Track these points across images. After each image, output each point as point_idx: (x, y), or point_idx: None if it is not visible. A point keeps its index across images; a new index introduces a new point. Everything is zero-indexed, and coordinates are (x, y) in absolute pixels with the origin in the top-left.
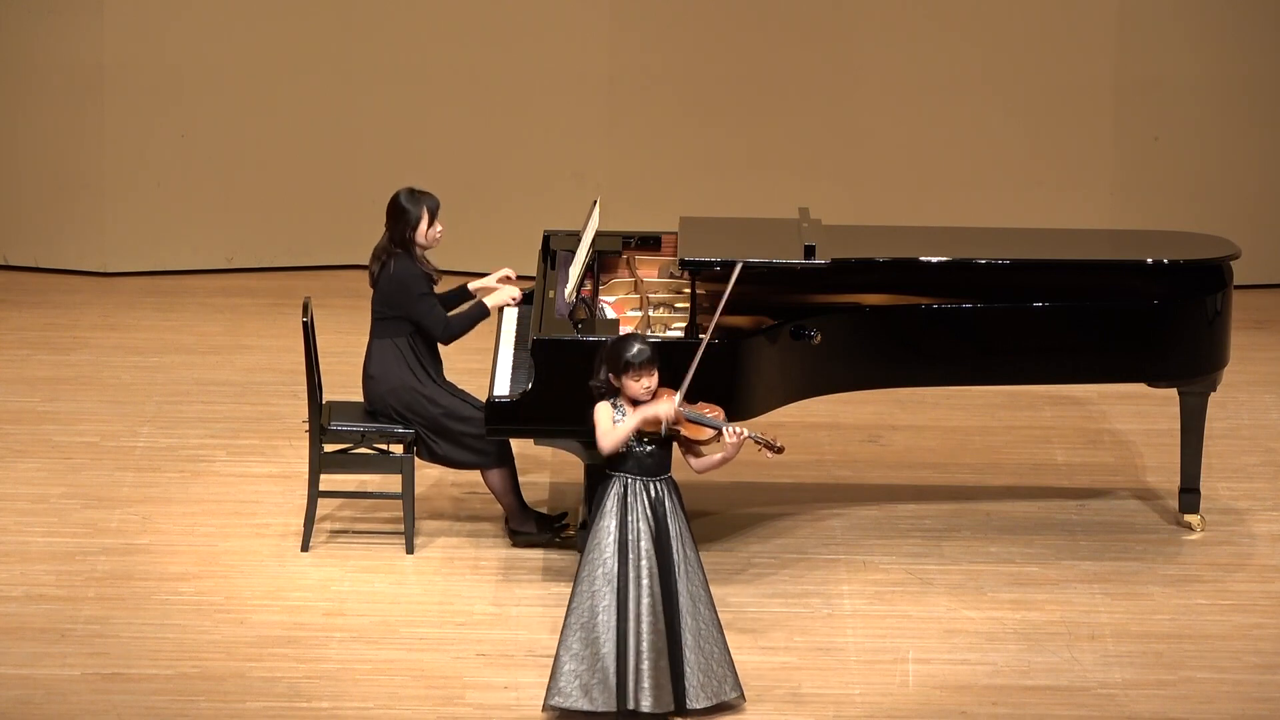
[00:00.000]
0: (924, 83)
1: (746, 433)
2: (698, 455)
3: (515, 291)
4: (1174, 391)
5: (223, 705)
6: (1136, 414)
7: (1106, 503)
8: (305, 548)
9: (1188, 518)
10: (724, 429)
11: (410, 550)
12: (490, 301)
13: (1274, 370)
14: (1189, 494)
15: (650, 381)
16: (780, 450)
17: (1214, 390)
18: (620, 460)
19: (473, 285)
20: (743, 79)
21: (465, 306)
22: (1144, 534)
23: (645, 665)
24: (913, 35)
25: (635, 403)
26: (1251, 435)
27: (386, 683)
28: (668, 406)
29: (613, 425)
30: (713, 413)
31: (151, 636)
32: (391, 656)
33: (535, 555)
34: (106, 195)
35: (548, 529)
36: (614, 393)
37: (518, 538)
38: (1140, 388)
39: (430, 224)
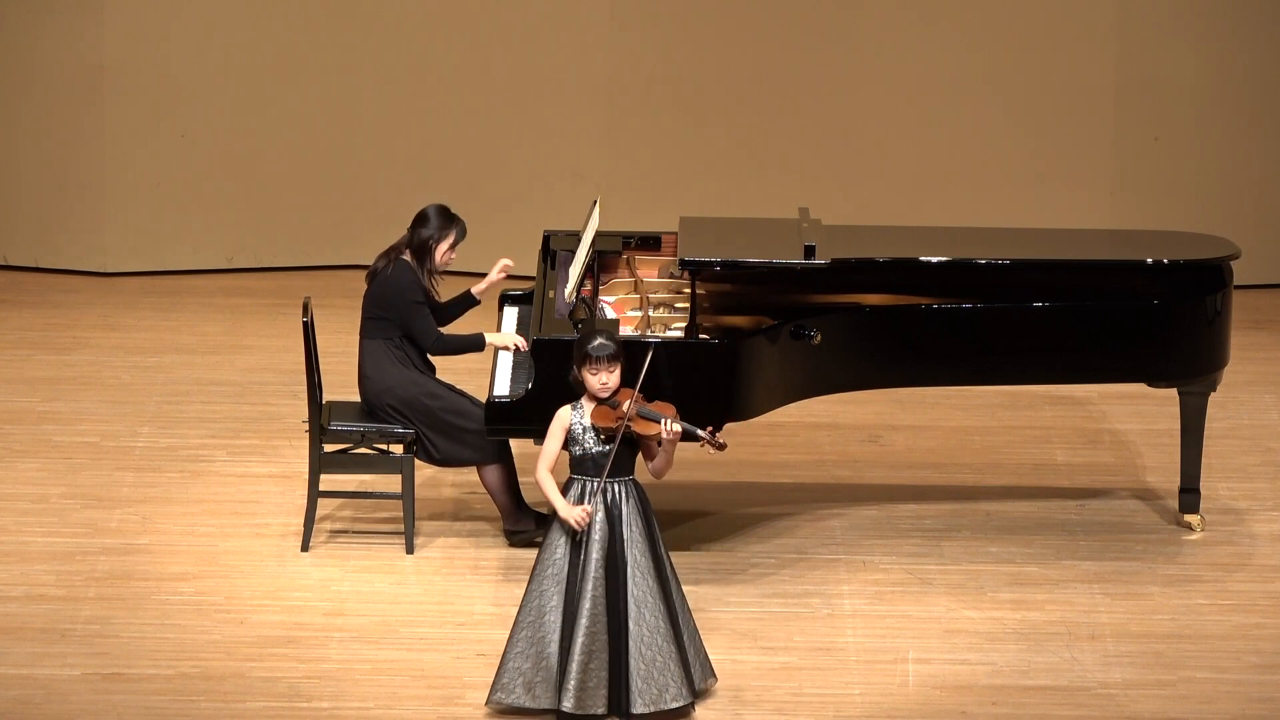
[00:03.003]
0: (924, 83)
1: (680, 427)
2: (652, 456)
3: (520, 341)
4: (1174, 391)
5: (223, 705)
6: (1136, 414)
7: (1106, 503)
8: (305, 548)
9: (1188, 518)
10: (663, 423)
11: (410, 550)
12: (489, 339)
13: (1274, 370)
14: (1189, 494)
15: (609, 378)
16: (722, 447)
17: (1214, 390)
18: (579, 463)
19: (475, 289)
20: (742, 79)
21: (465, 333)
22: (1144, 534)
23: (572, 666)
24: (913, 35)
25: (595, 400)
26: (1251, 435)
27: (386, 683)
28: (578, 519)
29: (556, 451)
30: (665, 411)
31: (151, 636)
32: (391, 656)
33: (535, 555)
34: (106, 195)
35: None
36: (584, 389)
37: (515, 537)
38: (1140, 388)
39: (452, 247)
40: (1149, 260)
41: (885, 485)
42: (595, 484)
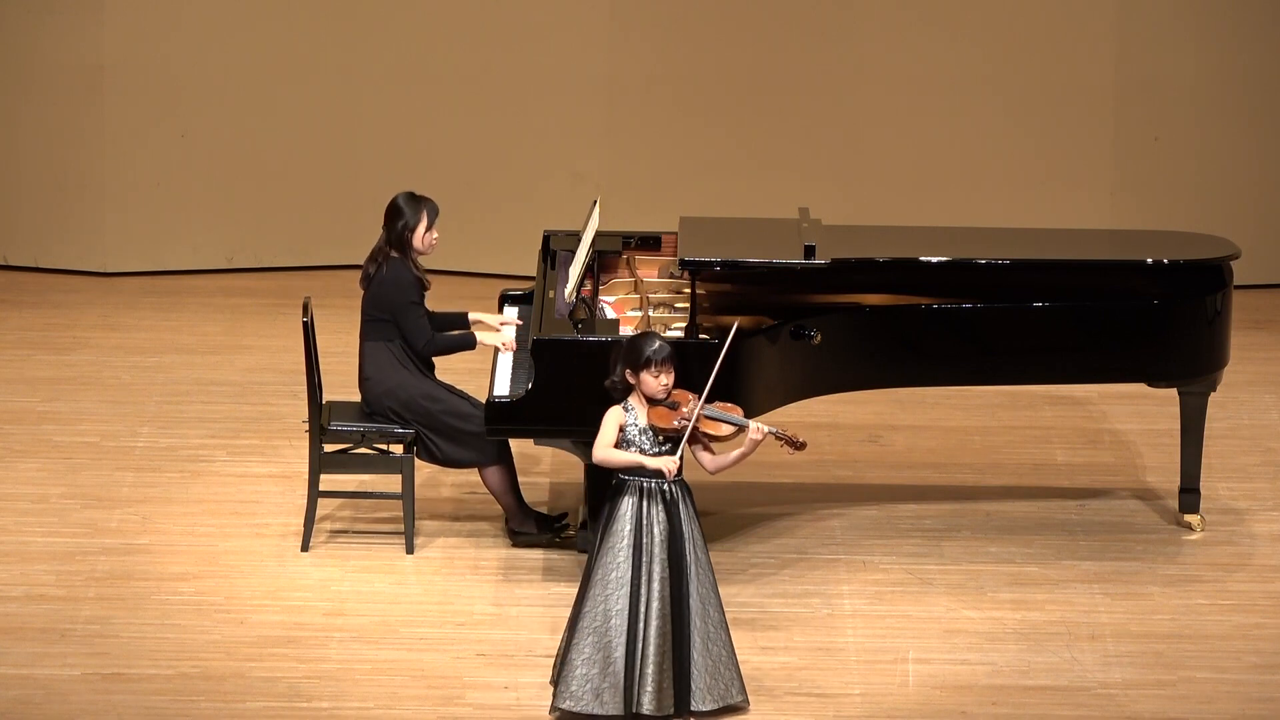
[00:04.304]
0: (924, 83)
1: (767, 429)
2: (713, 454)
3: (510, 339)
4: (1174, 391)
5: (223, 705)
6: (1136, 414)
7: (1106, 503)
8: (305, 548)
9: (1188, 518)
10: (750, 425)
11: (410, 550)
12: (481, 337)
13: (1274, 370)
14: (1189, 494)
15: (668, 379)
16: (802, 446)
17: (1214, 390)
18: (635, 466)
19: (473, 315)
20: (743, 79)
21: (457, 332)
22: (1144, 534)
23: (649, 668)
24: (913, 35)
25: (650, 402)
26: (1251, 435)
27: (386, 683)
28: (671, 464)
29: (616, 437)
30: (733, 411)
31: (151, 636)
32: (391, 656)
33: (535, 555)
34: (106, 195)
35: (548, 529)
36: (628, 391)
37: (518, 538)
38: (1140, 388)
39: (429, 229)
40: (1149, 260)
41: (885, 485)
42: (656, 484)
